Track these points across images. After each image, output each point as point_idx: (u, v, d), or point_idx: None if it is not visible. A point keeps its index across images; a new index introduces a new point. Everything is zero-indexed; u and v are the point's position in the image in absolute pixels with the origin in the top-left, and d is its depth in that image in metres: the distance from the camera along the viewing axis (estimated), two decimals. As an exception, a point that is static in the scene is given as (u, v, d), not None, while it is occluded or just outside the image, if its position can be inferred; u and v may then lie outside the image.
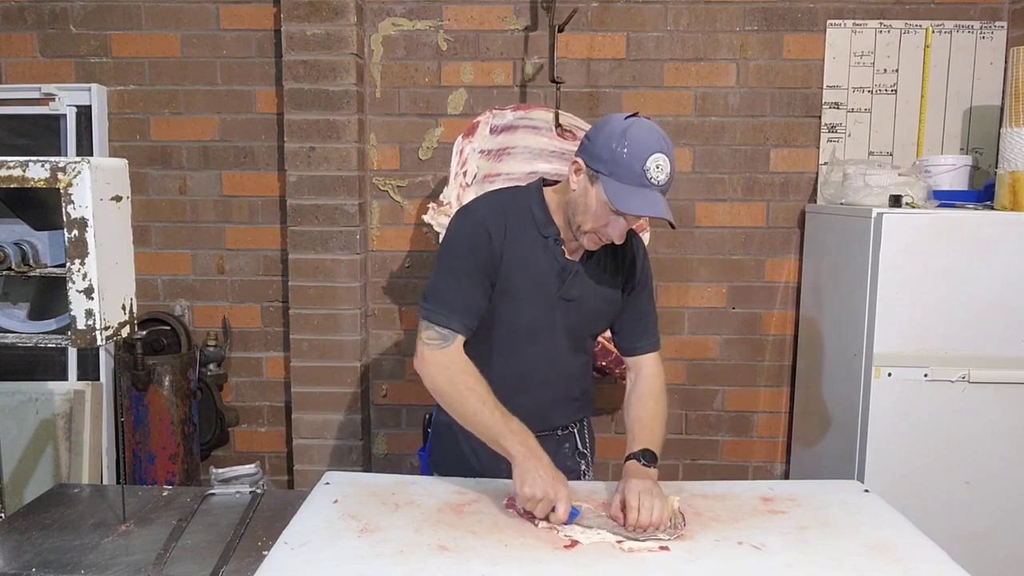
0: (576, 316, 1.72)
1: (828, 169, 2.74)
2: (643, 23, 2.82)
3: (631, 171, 1.49)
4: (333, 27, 2.69)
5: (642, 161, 1.48)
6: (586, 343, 1.81)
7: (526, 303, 1.67)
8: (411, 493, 1.64)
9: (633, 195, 1.51)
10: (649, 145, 1.50)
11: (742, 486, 1.76)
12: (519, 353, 1.71)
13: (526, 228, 1.66)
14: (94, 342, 1.43)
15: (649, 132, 1.52)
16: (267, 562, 1.35)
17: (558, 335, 1.72)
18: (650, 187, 1.50)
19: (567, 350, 1.75)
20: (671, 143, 1.55)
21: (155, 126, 2.92)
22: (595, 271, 1.72)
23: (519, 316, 1.68)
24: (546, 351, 1.72)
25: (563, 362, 1.76)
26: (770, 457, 3.04)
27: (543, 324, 1.70)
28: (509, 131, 2.52)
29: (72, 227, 1.40)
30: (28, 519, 1.65)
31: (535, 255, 1.66)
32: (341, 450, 2.87)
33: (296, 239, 2.80)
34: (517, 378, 1.71)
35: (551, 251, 1.67)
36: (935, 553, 1.42)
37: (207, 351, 2.93)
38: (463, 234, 1.65)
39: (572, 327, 1.73)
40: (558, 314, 1.70)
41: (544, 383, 1.75)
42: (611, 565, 1.35)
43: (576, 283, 1.69)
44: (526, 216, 1.67)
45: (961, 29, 2.79)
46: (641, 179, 1.49)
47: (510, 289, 1.66)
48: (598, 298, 1.73)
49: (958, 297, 2.27)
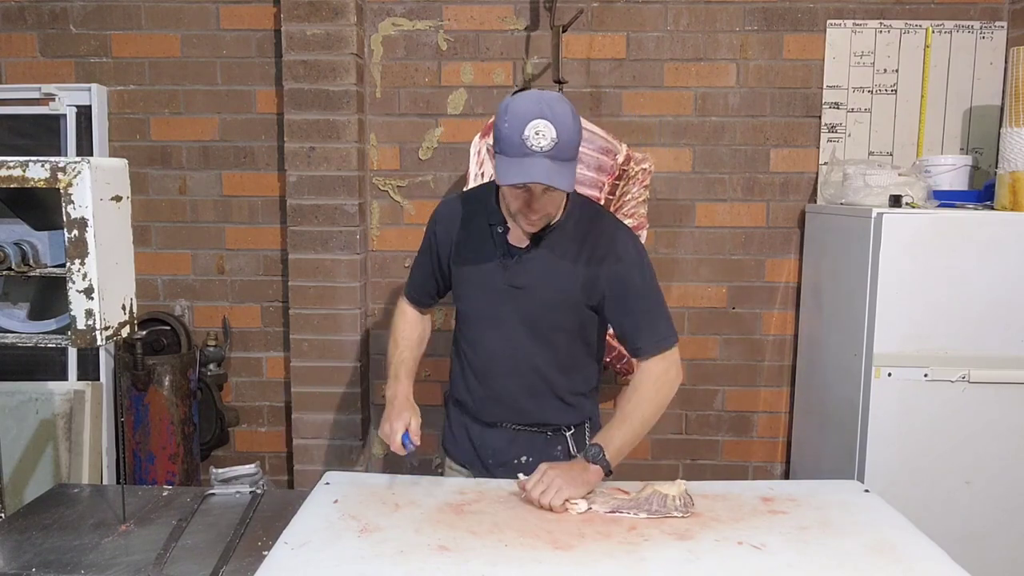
0: (528, 305, 1.73)
1: (828, 169, 2.74)
2: (643, 23, 2.82)
3: (511, 143, 1.49)
4: (333, 27, 2.69)
5: (520, 130, 1.48)
6: (551, 336, 1.76)
7: (476, 290, 1.78)
8: (411, 493, 1.64)
9: (513, 166, 1.50)
10: (528, 113, 1.49)
11: (742, 486, 1.76)
12: (480, 340, 1.81)
13: (477, 219, 1.76)
14: (94, 342, 1.43)
15: (530, 100, 1.51)
16: (267, 562, 1.35)
17: (513, 324, 1.75)
18: (533, 154, 1.48)
19: (528, 341, 1.75)
20: (566, 108, 1.52)
21: (155, 126, 2.92)
22: (548, 260, 1.70)
23: (472, 303, 1.81)
24: (505, 340, 1.77)
25: (525, 353, 1.76)
26: (770, 457, 3.04)
27: (496, 312, 1.76)
28: None
29: (72, 227, 1.40)
30: (28, 519, 1.65)
31: (483, 244, 1.75)
32: (341, 450, 2.87)
33: (296, 239, 2.80)
34: (482, 364, 1.82)
35: (496, 238, 1.73)
36: (935, 553, 1.42)
37: (207, 351, 2.93)
38: (428, 225, 1.87)
39: (527, 317, 1.74)
40: (510, 303, 1.73)
41: (507, 373, 1.79)
42: (611, 565, 1.35)
43: (523, 271, 1.71)
44: (479, 208, 1.77)
45: (961, 29, 2.79)
46: (522, 148, 1.49)
47: (463, 278, 1.80)
48: (550, 288, 1.71)
49: (958, 297, 2.27)
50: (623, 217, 2.51)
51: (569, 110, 1.52)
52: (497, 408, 1.83)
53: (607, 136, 2.57)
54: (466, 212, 1.79)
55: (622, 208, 2.56)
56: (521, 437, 1.83)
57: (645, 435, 1.75)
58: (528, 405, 1.81)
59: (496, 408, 1.83)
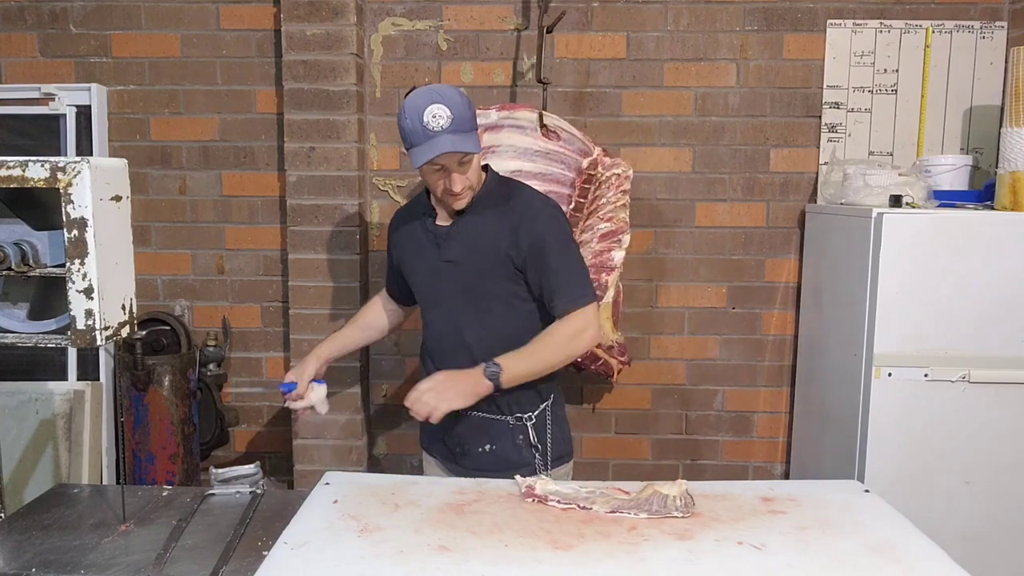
0: (462, 277, 1.87)
1: (828, 169, 2.74)
2: (643, 23, 2.82)
3: (416, 132, 1.70)
4: (333, 27, 2.69)
5: (419, 119, 1.69)
6: (489, 304, 1.86)
7: (416, 274, 1.98)
8: (411, 493, 1.64)
9: (423, 150, 1.70)
10: (421, 103, 1.70)
11: (742, 486, 1.76)
12: (429, 322, 1.99)
13: (416, 216, 1.97)
14: (94, 342, 1.43)
15: (420, 93, 1.72)
16: (267, 562, 1.35)
17: (453, 299, 1.89)
18: (436, 135, 1.68)
19: (469, 313, 1.87)
20: (451, 90, 1.72)
21: (155, 126, 2.92)
22: (472, 232, 1.86)
23: (419, 288, 2.00)
24: (447, 317, 1.92)
25: (468, 326, 1.88)
26: (770, 457, 3.04)
27: (436, 291, 1.92)
28: (494, 130, 2.53)
29: (72, 227, 1.40)
30: (28, 519, 1.65)
31: (416, 233, 1.95)
32: (341, 450, 2.87)
33: (296, 239, 2.80)
34: (433, 345, 1.97)
35: (424, 223, 1.93)
36: (935, 553, 1.42)
37: (207, 351, 2.93)
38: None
39: (464, 288, 1.87)
40: (446, 278, 1.89)
41: (454, 349, 1.91)
42: (611, 565, 1.35)
43: (452, 246, 1.87)
44: (419, 206, 1.97)
45: (961, 29, 2.79)
46: (425, 133, 1.69)
47: (407, 267, 2.00)
48: (480, 256, 1.85)
49: (958, 297, 2.27)
50: (599, 220, 2.53)
51: (456, 91, 1.73)
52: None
53: (584, 139, 2.57)
54: (406, 214, 2.04)
55: (597, 212, 2.54)
56: (483, 424, 1.89)
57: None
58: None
59: None
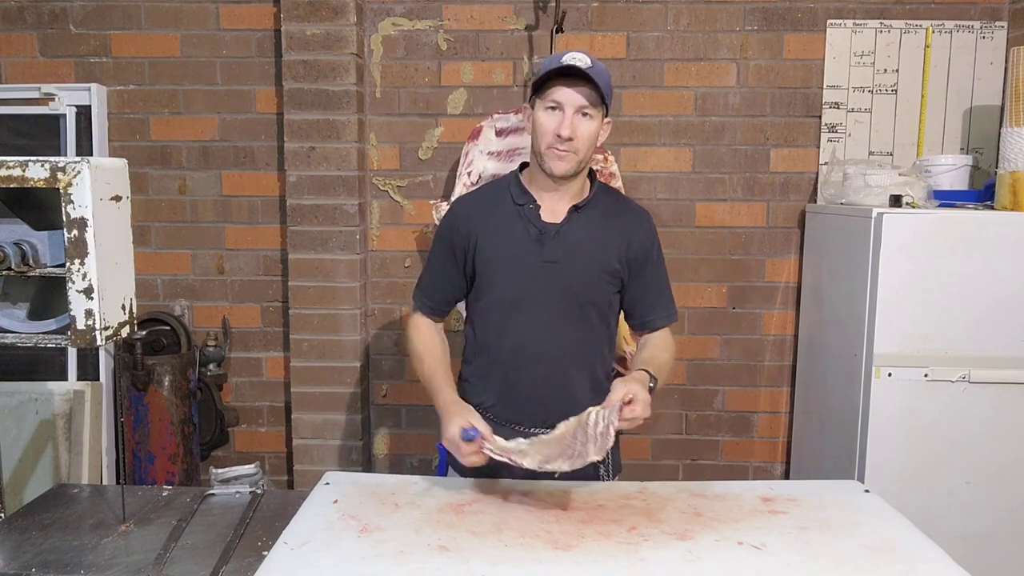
0: (564, 279, 1.72)
1: (828, 169, 2.74)
2: (643, 23, 2.82)
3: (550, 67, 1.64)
4: (333, 27, 2.69)
5: (558, 60, 1.64)
6: (586, 312, 1.75)
7: (507, 273, 1.73)
8: (411, 493, 1.64)
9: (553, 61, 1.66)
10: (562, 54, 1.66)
11: (742, 486, 1.76)
12: (508, 329, 1.75)
13: (501, 206, 1.76)
14: (94, 342, 1.43)
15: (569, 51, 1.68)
16: (267, 562, 1.35)
17: (547, 302, 1.72)
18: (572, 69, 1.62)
19: (561, 320, 1.73)
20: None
21: (155, 126, 2.92)
22: (581, 233, 1.73)
23: (502, 287, 1.74)
24: (537, 321, 1.73)
25: (559, 334, 1.73)
26: (770, 457, 3.04)
27: (528, 291, 1.72)
28: (516, 133, 2.57)
29: (72, 227, 1.40)
30: (28, 519, 1.65)
31: (511, 226, 1.73)
32: (341, 450, 2.87)
33: (296, 239, 2.80)
34: (508, 354, 1.75)
35: (527, 216, 1.73)
36: (935, 553, 1.42)
37: (207, 351, 2.93)
38: (440, 227, 1.86)
39: (562, 292, 1.72)
40: (542, 279, 1.71)
41: (539, 358, 1.74)
42: (611, 565, 1.35)
43: (558, 245, 1.71)
44: (502, 195, 1.78)
45: (961, 29, 2.79)
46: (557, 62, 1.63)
47: (491, 264, 1.74)
48: (585, 259, 1.73)
49: (958, 297, 2.27)
50: None
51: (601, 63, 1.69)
52: (519, 402, 1.75)
53: None
54: (487, 202, 1.80)
55: None
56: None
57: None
58: (555, 393, 1.74)
59: (518, 403, 1.76)
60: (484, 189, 1.89)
